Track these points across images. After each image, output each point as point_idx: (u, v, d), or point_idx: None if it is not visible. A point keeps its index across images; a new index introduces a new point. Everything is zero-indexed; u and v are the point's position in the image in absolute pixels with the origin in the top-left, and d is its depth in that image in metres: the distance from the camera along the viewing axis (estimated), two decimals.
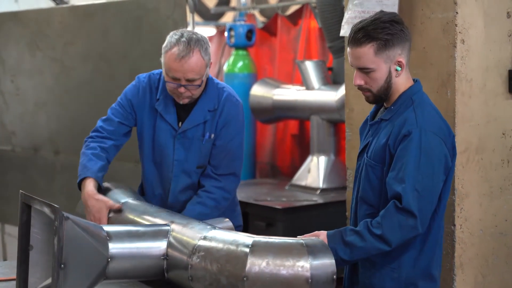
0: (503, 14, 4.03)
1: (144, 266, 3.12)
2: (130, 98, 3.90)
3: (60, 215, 2.75)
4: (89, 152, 3.79)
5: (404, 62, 3.15)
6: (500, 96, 4.06)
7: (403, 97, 3.18)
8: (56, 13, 6.66)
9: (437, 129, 3.11)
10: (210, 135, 3.82)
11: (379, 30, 3.07)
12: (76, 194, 4.07)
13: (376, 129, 3.23)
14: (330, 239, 3.09)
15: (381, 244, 3.04)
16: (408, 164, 3.03)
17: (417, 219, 3.02)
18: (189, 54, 3.60)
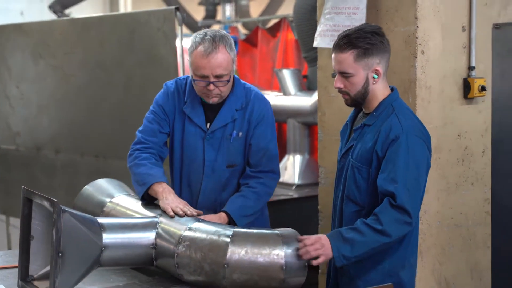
0: (458, 28, 4.05)
1: (134, 255, 3.11)
2: (161, 104, 3.62)
3: (59, 208, 2.75)
4: (146, 162, 3.50)
5: (382, 71, 3.15)
6: (456, 101, 4.08)
7: (384, 104, 3.17)
8: (57, 25, 6.63)
9: (419, 133, 3.13)
10: (238, 133, 3.56)
11: (360, 39, 3.08)
12: (74, 189, 4.07)
13: (360, 134, 3.21)
14: (331, 238, 3.06)
15: (382, 237, 3.02)
16: (399, 166, 3.03)
17: (411, 215, 3.03)
18: (215, 50, 3.37)
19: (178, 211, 3.20)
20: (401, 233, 3.05)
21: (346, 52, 3.09)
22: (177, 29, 5.37)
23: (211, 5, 11.81)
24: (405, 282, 3.20)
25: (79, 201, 3.67)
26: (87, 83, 6.18)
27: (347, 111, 4.28)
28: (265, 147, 3.59)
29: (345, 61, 3.10)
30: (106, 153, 6.07)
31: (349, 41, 3.09)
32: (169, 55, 5.43)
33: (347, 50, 3.09)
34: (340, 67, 3.13)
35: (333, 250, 3.03)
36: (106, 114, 6.04)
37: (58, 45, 6.41)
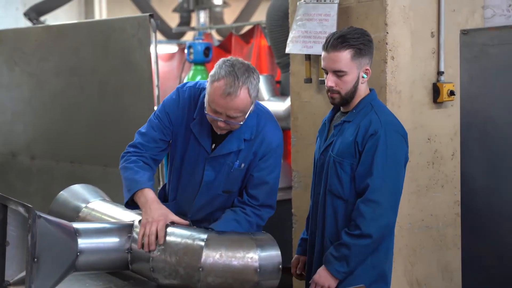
0: (427, 34, 4.08)
1: (110, 259, 3.09)
2: (168, 112, 3.32)
3: (33, 214, 2.73)
4: (132, 166, 3.26)
5: (370, 71, 3.22)
6: (426, 106, 4.11)
7: (364, 102, 3.22)
8: (32, 32, 6.60)
9: (398, 128, 3.19)
10: (241, 164, 3.29)
11: (355, 39, 3.13)
12: (49, 195, 4.04)
13: (340, 130, 3.25)
14: (326, 264, 3.15)
15: (364, 241, 3.08)
16: (377, 159, 3.09)
17: (383, 207, 3.07)
18: (236, 92, 3.03)
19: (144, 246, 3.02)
20: (380, 229, 3.09)
21: (343, 50, 3.13)
22: (151, 35, 5.36)
23: (186, 12, 11.79)
24: (387, 274, 3.27)
25: (54, 207, 3.65)
26: (62, 89, 6.15)
27: (320, 116, 4.30)
28: (268, 181, 3.34)
29: (342, 59, 3.13)
30: (81, 159, 6.04)
31: (346, 40, 3.13)
32: (144, 62, 5.42)
33: (344, 49, 3.13)
34: (335, 66, 3.15)
35: (333, 274, 3.12)
36: (81, 120, 6.01)
37: (33, 52, 6.38)
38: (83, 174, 5.94)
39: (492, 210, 3.37)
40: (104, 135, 5.83)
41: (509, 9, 4.24)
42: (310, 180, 4.39)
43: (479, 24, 4.29)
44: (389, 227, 3.16)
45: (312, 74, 4.31)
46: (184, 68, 9.60)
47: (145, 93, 5.45)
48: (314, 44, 4.12)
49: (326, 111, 4.25)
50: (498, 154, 3.39)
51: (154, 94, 5.43)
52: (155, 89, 5.43)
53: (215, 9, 11.53)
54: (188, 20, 11.91)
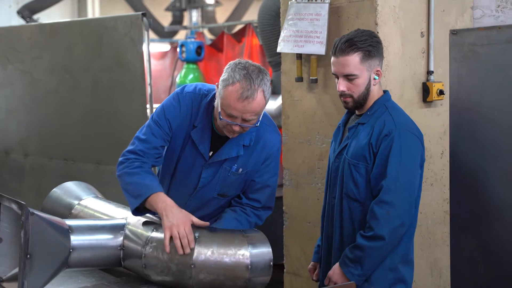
0: (417, 34, 4.09)
1: (102, 256, 3.09)
2: (169, 119, 3.22)
3: (27, 211, 2.73)
4: (139, 170, 3.14)
5: (381, 72, 3.20)
6: (416, 105, 4.12)
7: (378, 103, 3.21)
8: (26, 30, 6.58)
9: (412, 129, 3.17)
10: (239, 168, 3.26)
11: (362, 42, 3.12)
12: (42, 192, 4.03)
13: (355, 132, 3.24)
14: (342, 265, 3.13)
15: (377, 243, 3.05)
16: (391, 160, 3.06)
17: (396, 208, 3.04)
18: (253, 95, 2.97)
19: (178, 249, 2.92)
20: (393, 230, 3.06)
21: (351, 54, 3.12)
22: (144, 34, 5.36)
23: (178, 11, 11.79)
24: (406, 278, 3.23)
25: (47, 204, 3.65)
26: (55, 87, 6.14)
27: (310, 115, 4.31)
28: (270, 185, 3.33)
29: (351, 63, 3.12)
30: (74, 156, 6.03)
31: (354, 44, 3.12)
32: (136, 60, 5.42)
33: (352, 52, 3.12)
34: (345, 70, 3.14)
35: (348, 276, 3.10)
36: (74, 118, 6.01)
37: (26, 50, 6.37)
38: (76, 171, 5.93)
39: (481, 208, 3.38)
40: (97, 133, 5.83)
41: (497, 9, 4.26)
42: (301, 178, 4.42)
43: (468, 24, 4.31)
44: (403, 229, 3.09)
45: (303, 73, 4.31)
46: (177, 67, 9.61)
47: (137, 91, 5.45)
48: (305, 43, 4.13)
49: (317, 110, 4.27)
50: (487, 152, 3.40)
51: (147, 93, 5.43)
52: (147, 88, 5.43)
53: (207, 8, 11.52)
54: (180, 19, 11.91)
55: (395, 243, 3.12)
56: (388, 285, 3.16)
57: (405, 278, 3.22)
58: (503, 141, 3.29)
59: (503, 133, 3.30)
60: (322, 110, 4.26)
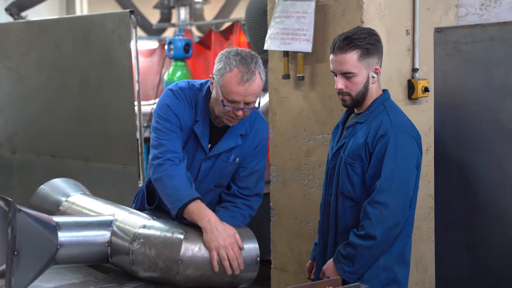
0: (403, 32, 4.10)
1: (90, 253, 3.09)
2: (176, 113, 3.20)
3: (14, 207, 2.72)
4: (181, 173, 3.11)
5: (380, 71, 3.17)
6: (401, 102, 4.13)
7: (376, 102, 3.18)
8: (13, 27, 6.55)
9: (409, 129, 3.14)
10: (235, 158, 3.29)
11: (361, 40, 3.09)
12: (30, 189, 4.01)
13: (352, 131, 3.21)
14: (335, 261, 3.12)
15: (368, 242, 3.03)
16: (386, 161, 3.03)
17: (389, 209, 3.01)
18: (252, 77, 3.03)
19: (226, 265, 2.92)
20: (385, 231, 3.03)
21: (349, 52, 3.09)
22: (132, 31, 5.34)
23: (166, 8, 11.77)
24: (400, 278, 3.20)
25: (35, 200, 3.63)
26: (43, 84, 6.12)
27: (297, 112, 4.32)
28: (258, 170, 3.36)
29: (349, 61, 3.09)
30: (62, 153, 6.01)
31: (352, 41, 3.09)
32: (124, 57, 5.40)
33: (350, 50, 3.08)
34: (343, 68, 3.11)
35: (340, 272, 3.08)
36: (62, 114, 5.99)
37: (14, 47, 6.34)
38: (64, 168, 5.92)
39: (466, 203, 3.39)
40: (85, 130, 5.81)
41: (481, 8, 4.28)
42: (288, 175, 4.43)
43: (453, 22, 4.32)
44: (397, 229, 3.07)
45: (290, 70, 4.31)
46: (165, 64, 9.59)
47: (125, 88, 5.44)
48: (292, 41, 4.13)
49: (303, 107, 4.28)
50: (471, 149, 3.41)
51: (135, 90, 5.42)
52: (135, 85, 5.43)
53: (195, 5, 11.51)
54: (168, 16, 11.89)
55: (388, 243, 3.10)
56: (380, 285, 3.13)
57: (399, 278, 3.19)
58: (487, 137, 3.31)
59: (487, 129, 3.31)
60: (308, 107, 4.26)
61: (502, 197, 3.30)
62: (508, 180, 3.25)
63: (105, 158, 5.61)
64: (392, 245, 3.13)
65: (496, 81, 3.23)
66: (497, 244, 3.33)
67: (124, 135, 5.42)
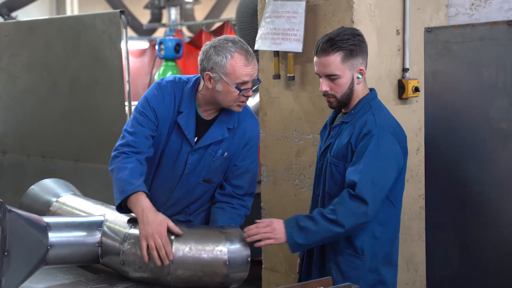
0: (393, 32, 4.11)
1: (80, 253, 3.08)
2: (154, 107, 3.25)
3: (4, 208, 2.71)
4: (128, 166, 3.12)
5: (365, 71, 3.15)
6: (391, 101, 4.13)
7: (362, 102, 3.16)
8: (3, 27, 6.52)
9: (393, 130, 3.10)
10: (224, 153, 3.29)
11: (344, 41, 3.06)
12: (21, 189, 4.00)
13: (338, 131, 3.20)
14: (287, 225, 3.04)
15: (335, 228, 2.98)
16: (367, 158, 3.00)
17: (368, 206, 2.98)
18: (252, 56, 3.14)
19: (157, 261, 2.92)
20: (356, 224, 3.01)
21: (333, 54, 3.06)
22: (122, 32, 5.34)
23: (157, 9, 11.76)
24: (388, 280, 3.18)
25: (25, 201, 3.63)
26: (33, 85, 6.10)
27: (288, 112, 4.32)
28: (251, 169, 3.38)
29: (332, 63, 3.06)
30: (52, 153, 6.00)
31: (335, 43, 3.06)
32: (114, 58, 5.39)
33: (333, 52, 3.06)
34: (326, 70, 3.09)
35: (287, 237, 3.02)
36: (52, 115, 5.97)
37: (4, 47, 6.32)
38: (54, 169, 5.90)
39: (455, 203, 3.41)
40: (75, 130, 5.80)
41: (471, 7, 4.28)
42: (279, 175, 4.42)
43: (443, 22, 4.33)
44: (363, 227, 3.06)
45: (281, 70, 4.31)
46: (155, 64, 9.58)
47: (116, 88, 5.43)
48: (282, 41, 4.13)
49: (294, 107, 4.28)
50: (461, 148, 3.43)
51: (125, 90, 5.41)
52: (125, 85, 5.42)
53: (185, 6, 11.51)
54: (159, 16, 11.88)
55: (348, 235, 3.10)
56: (367, 286, 3.10)
57: (386, 279, 3.17)
58: (477, 136, 3.32)
59: (477, 129, 3.33)
60: (299, 107, 4.26)
61: (492, 196, 3.31)
62: (499, 180, 3.26)
63: (95, 159, 5.59)
64: (378, 247, 3.13)
65: (486, 81, 3.25)
66: (488, 244, 3.34)
67: (114, 135, 5.34)
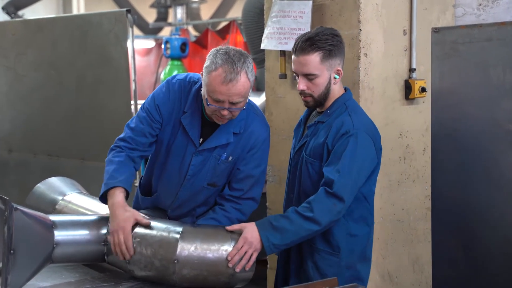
0: (400, 32, 4.10)
1: (86, 251, 3.08)
2: (158, 105, 3.24)
3: (10, 206, 2.71)
4: (116, 160, 3.20)
5: (342, 71, 3.16)
6: (398, 102, 4.13)
7: (338, 102, 3.17)
8: (10, 26, 6.54)
9: (369, 131, 3.12)
10: (228, 157, 3.25)
11: (323, 41, 3.06)
12: (27, 188, 4.01)
13: (314, 130, 3.20)
14: (260, 227, 3.02)
15: (311, 225, 2.98)
16: (345, 158, 3.01)
17: (345, 204, 3.00)
18: (237, 77, 2.99)
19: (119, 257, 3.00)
20: (330, 221, 3.02)
21: (312, 54, 3.06)
22: (128, 30, 5.34)
23: (163, 8, 11.78)
24: (364, 276, 3.22)
25: (31, 199, 3.63)
26: (39, 83, 6.11)
27: (294, 111, 4.31)
28: (253, 175, 3.31)
29: (311, 62, 3.07)
30: (58, 152, 6.00)
31: (314, 43, 3.06)
32: (120, 56, 5.40)
33: (312, 52, 3.06)
34: (305, 69, 3.09)
35: (263, 240, 2.99)
36: (59, 114, 5.98)
37: (11, 46, 6.33)
38: (60, 167, 5.90)
39: (462, 204, 3.39)
40: (81, 129, 5.81)
41: (479, 8, 4.28)
42: (284, 174, 4.41)
43: (450, 22, 4.32)
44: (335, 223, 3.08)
45: (287, 70, 4.31)
46: (161, 63, 9.59)
47: (122, 87, 5.43)
48: (288, 41, 4.13)
49: (300, 107, 4.27)
50: (468, 149, 3.41)
51: (131, 89, 5.42)
52: (131, 84, 5.42)
53: (191, 5, 11.52)
54: (165, 15, 11.90)
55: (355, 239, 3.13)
56: (345, 283, 3.08)
57: (362, 276, 3.21)
58: (484, 138, 3.31)
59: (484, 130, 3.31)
60: (305, 107, 4.26)
61: (499, 198, 3.30)
62: (505, 181, 3.25)
63: (101, 157, 5.55)
64: (354, 245, 3.15)
65: (494, 81, 3.23)
66: (494, 245, 3.33)
67: (120, 134, 5.40)
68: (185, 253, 2.93)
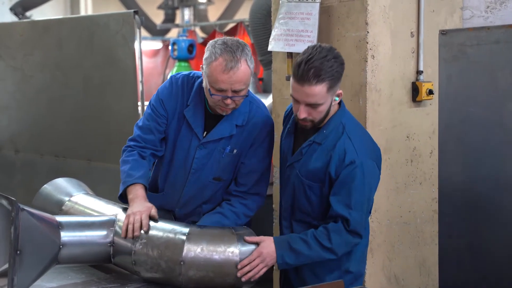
0: (407, 34, 4.10)
1: (92, 252, 3.08)
2: (162, 99, 3.31)
3: (17, 207, 2.72)
4: (130, 159, 3.27)
5: (342, 93, 3.08)
6: (405, 104, 4.12)
7: (334, 121, 3.09)
8: (17, 26, 6.56)
9: (372, 153, 3.09)
10: (233, 149, 3.27)
11: (329, 70, 2.92)
12: (33, 188, 4.02)
13: (309, 151, 3.11)
14: (278, 246, 3.03)
15: (328, 254, 3.04)
16: (355, 192, 2.99)
17: (360, 239, 3.07)
18: (237, 65, 3.03)
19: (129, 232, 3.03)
20: (346, 251, 3.09)
21: (319, 84, 2.91)
22: (135, 32, 5.35)
23: (170, 9, 11.79)
24: (362, 273, 3.27)
25: (38, 200, 3.63)
26: (46, 84, 6.13)
27: None
28: (258, 169, 3.32)
29: (318, 94, 2.93)
30: (65, 153, 6.02)
31: (320, 75, 2.90)
32: (128, 58, 5.40)
33: (320, 83, 2.91)
34: (311, 100, 2.95)
35: (278, 258, 3.03)
36: (65, 114, 5.99)
37: (18, 47, 6.35)
38: (67, 168, 5.92)
39: (469, 207, 3.38)
40: (88, 129, 5.82)
41: (487, 10, 4.27)
42: None
43: (458, 24, 4.31)
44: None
45: None
46: (168, 65, 9.61)
47: (129, 89, 5.44)
48: (296, 42, 4.13)
49: None
50: (475, 152, 3.41)
51: (138, 90, 5.42)
52: (139, 85, 5.43)
53: (199, 6, 11.53)
54: (172, 17, 11.91)
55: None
56: (346, 285, 3.08)
57: (360, 273, 3.26)
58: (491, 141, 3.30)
59: (491, 133, 3.31)
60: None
61: (506, 201, 3.29)
62: None
63: (108, 158, 5.61)
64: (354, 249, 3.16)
65: (501, 84, 3.23)
66: (501, 248, 3.32)
67: (127, 135, 5.36)
68: (191, 254, 2.93)
